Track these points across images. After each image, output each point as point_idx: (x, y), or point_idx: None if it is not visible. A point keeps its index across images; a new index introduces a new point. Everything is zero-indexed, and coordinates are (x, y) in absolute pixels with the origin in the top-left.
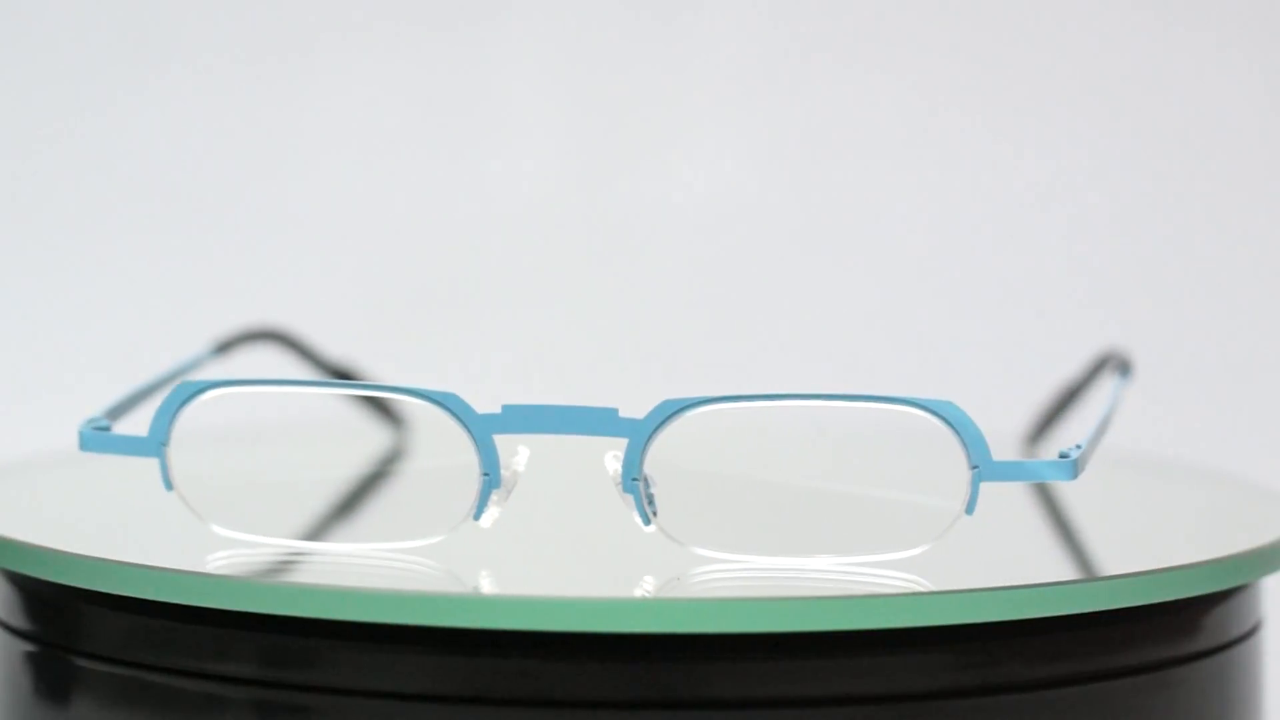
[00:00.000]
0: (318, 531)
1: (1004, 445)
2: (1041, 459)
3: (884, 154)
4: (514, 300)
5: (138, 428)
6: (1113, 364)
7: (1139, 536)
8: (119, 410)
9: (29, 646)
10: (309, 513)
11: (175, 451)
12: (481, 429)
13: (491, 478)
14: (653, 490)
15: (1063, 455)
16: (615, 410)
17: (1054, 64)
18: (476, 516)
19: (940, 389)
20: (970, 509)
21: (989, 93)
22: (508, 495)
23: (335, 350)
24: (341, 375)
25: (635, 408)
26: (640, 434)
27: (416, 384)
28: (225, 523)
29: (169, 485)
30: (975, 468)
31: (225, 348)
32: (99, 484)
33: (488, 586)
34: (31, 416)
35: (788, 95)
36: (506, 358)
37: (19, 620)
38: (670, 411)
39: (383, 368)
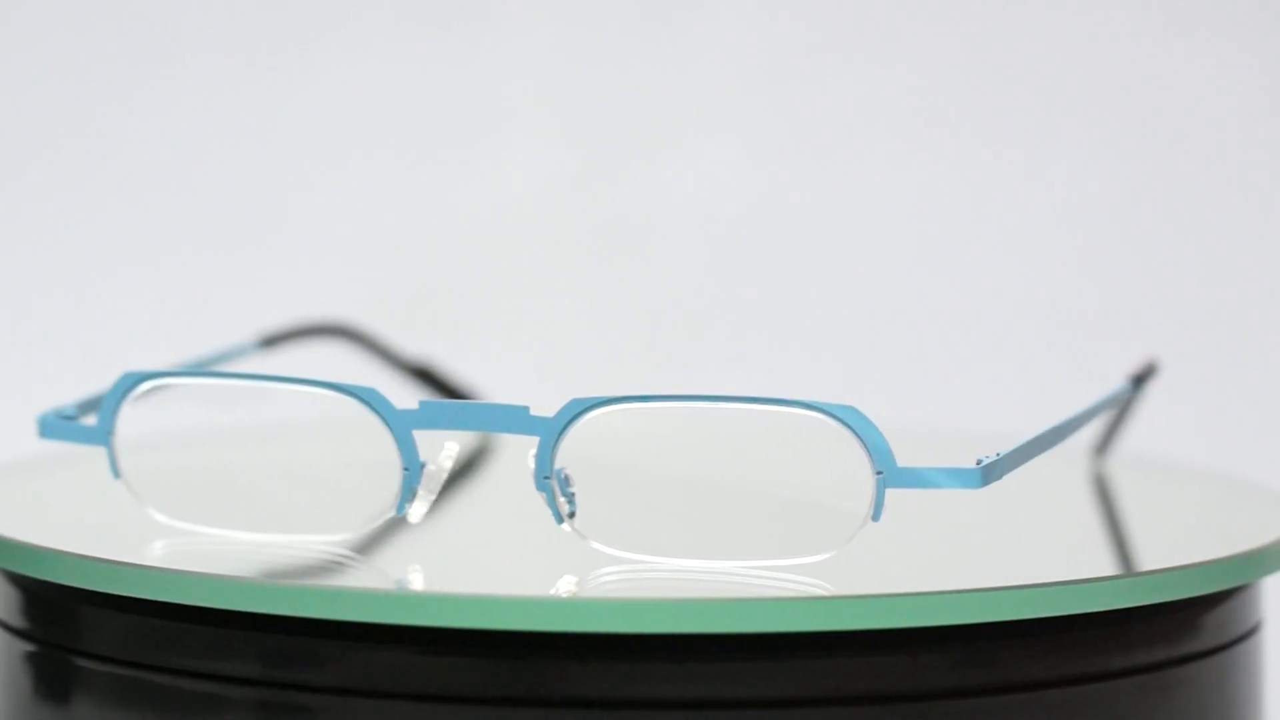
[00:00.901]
0: (251, 522)
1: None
2: (948, 466)
3: (882, 153)
4: (504, 298)
5: (134, 424)
6: (1133, 374)
7: (1139, 536)
8: (95, 404)
9: (29, 646)
10: (250, 504)
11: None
12: (400, 424)
13: (412, 473)
14: (572, 489)
15: (979, 462)
16: (526, 408)
17: (1055, 63)
18: (399, 511)
19: (942, 391)
20: (876, 515)
21: (986, 90)
22: (433, 491)
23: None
24: (418, 372)
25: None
26: (550, 432)
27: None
28: (166, 511)
29: (116, 473)
30: (879, 473)
31: (271, 342)
32: (99, 484)
33: (418, 583)
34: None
35: (785, 95)
36: (503, 357)
37: (19, 620)
38: (577, 410)
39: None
